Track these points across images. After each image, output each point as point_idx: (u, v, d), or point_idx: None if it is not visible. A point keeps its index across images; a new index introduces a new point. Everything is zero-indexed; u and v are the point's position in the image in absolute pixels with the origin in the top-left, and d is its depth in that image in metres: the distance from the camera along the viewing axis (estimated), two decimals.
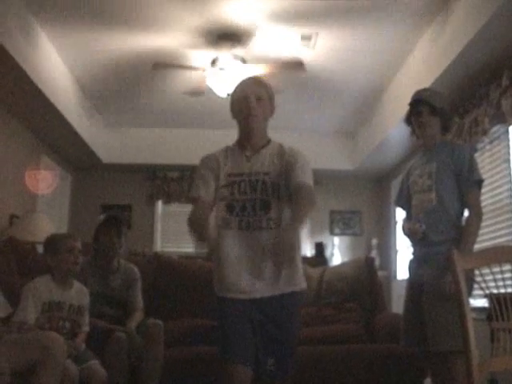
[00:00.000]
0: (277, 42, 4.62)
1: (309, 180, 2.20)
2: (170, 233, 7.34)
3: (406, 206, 2.96)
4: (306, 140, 6.94)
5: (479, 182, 2.75)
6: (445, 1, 3.93)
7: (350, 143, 7.13)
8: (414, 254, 2.87)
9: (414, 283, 2.81)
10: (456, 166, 2.72)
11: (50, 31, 4.49)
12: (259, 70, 4.58)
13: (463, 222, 2.74)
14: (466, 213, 2.74)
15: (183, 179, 7.22)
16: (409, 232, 2.83)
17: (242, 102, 2.22)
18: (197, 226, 2.03)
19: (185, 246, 6.92)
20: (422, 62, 4.53)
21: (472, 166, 2.73)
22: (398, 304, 5.30)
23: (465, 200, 2.71)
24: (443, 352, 2.60)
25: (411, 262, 2.88)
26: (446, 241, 2.67)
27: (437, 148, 2.83)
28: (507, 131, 4.00)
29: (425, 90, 2.96)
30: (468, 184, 2.70)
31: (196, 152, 2.40)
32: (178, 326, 3.57)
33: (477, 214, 2.69)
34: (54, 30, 4.46)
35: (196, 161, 2.30)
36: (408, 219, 2.94)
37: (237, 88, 2.34)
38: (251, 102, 2.21)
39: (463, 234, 2.66)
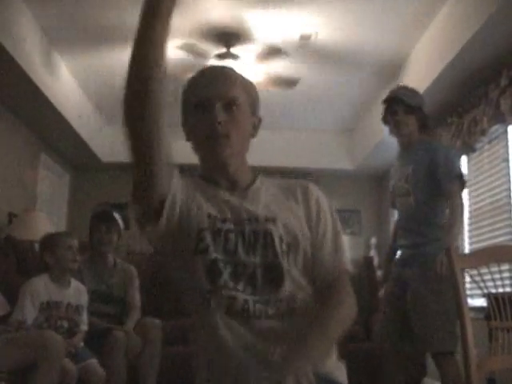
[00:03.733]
0: (275, 42, 4.60)
1: (344, 259, 1.37)
2: None
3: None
4: (305, 139, 6.95)
5: (459, 177, 2.74)
6: (442, 1, 3.93)
7: (348, 142, 7.13)
8: (400, 255, 2.87)
9: (398, 283, 2.80)
10: (431, 164, 2.72)
11: (50, 32, 4.47)
12: (258, 69, 4.58)
13: (444, 218, 2.75)
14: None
15: None
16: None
17: (201, 113, 1.30)
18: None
19: None
20: (421, 62, 4.53)
21: (449, 162, 2.71)
22: None
23: (445, 194, 2.70)
24: (434, 353, 2.60)
25: (398, 262, 2.88)
26: (430, 242, 2.68)
27: (413, 148, 2.82)
28: (506, 131, 4.00)
29: (400, 88, 2.95)
30: (447, 178, 2.69)
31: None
32: (176, 325, 3.58)
33: (458, 206, 2.68)
34: (55, 31, 4.45)
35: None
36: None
37: (191, 84, 1.37)
38: (217, 113, 1.29)
39: (447, 226, 2.66)
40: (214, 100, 1.30)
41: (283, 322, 1.22)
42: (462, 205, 2.72)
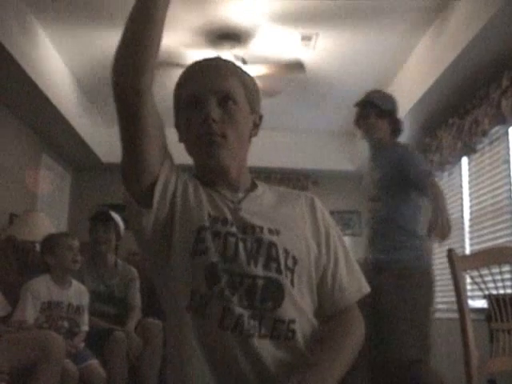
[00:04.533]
0: (277, 43, 4.61)
1: (361, 281, 1.26)
2: None
3: None
4: (306, 140, 6.94)
5: (431, 175, 2.72)
6: (445, 2, 3.94)
7: (349, 143, 7.12)
8: (371, 259, 2.80)
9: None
10: (400, 168, 2.69)
11: (49, 30, 4.49)
12: (259, 71, 4.57)
13: (417, 225, 2.72)
14: (421, 216, 2.74)
15: None
16: None
17: (194, 110, 1.16)
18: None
19: None
20: (422, 62, 4.53)
21: (419, 162, 2.72)
22: None
23: (423, 190, 2.68)
24: (405, 361, 2.58)
25: (370, 266, 2.83)
26: (402, 248, 2.65)
27: (383, 152, 2.80)
28: (507, 132, 4.00)
29: (374, 91, 2.93)
30: (420, 177, 2.67)
31: None
32: None
33: (439, 193, 2.64)
34: (54, 29, 4.46)
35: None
36: None
37: (182, 78, 1.22)
38: (210, 109, 1.14)
39: (435, 215, 2.60)
40: (207, 94, 1.15)
41: (281, 346, 1.07)
42: (442, 192, 2.67)
